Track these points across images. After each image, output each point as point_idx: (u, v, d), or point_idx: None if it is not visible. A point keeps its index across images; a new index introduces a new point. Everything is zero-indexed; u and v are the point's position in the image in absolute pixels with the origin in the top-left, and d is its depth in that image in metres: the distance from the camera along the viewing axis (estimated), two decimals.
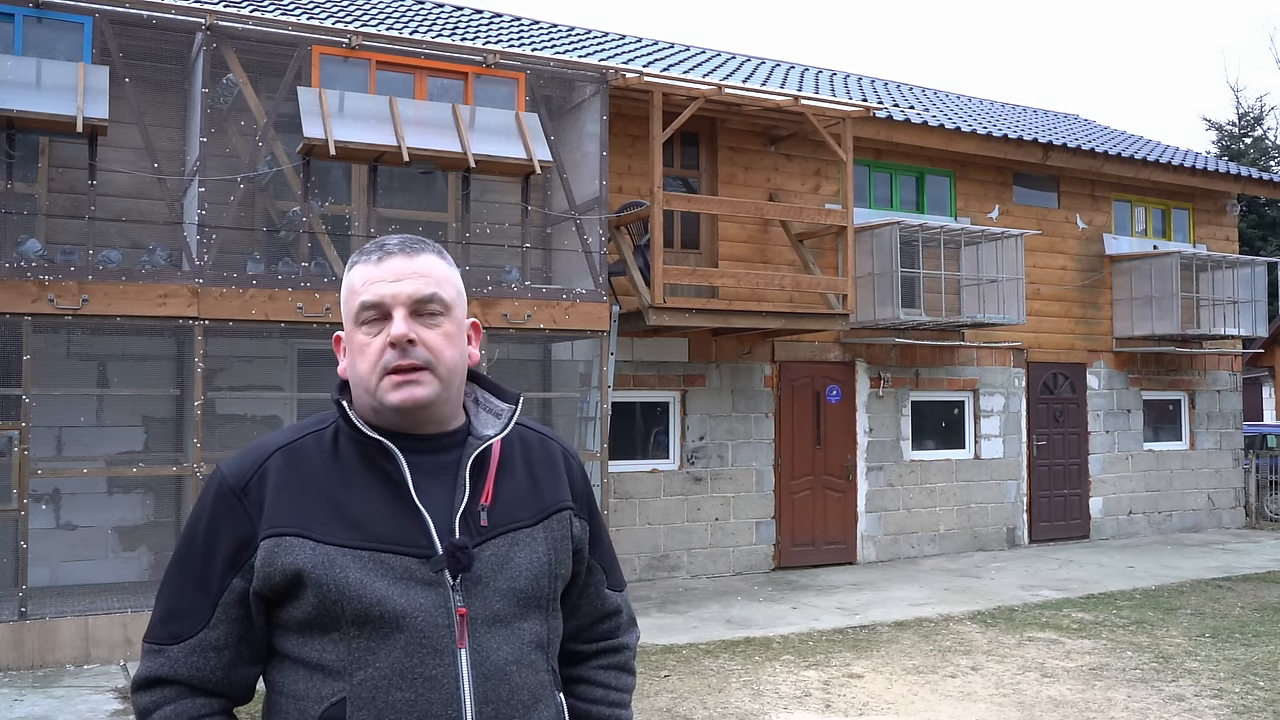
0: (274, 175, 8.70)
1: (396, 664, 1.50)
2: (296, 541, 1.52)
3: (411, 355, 1.56)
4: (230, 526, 1.55)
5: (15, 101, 7.23)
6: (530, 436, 1.74)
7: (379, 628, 1.50)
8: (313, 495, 1.55)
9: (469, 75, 8.92)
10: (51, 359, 8.36)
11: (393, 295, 1.57)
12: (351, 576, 1.50)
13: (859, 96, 13.35)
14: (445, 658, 1.51)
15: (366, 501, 1.56)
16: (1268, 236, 28.13)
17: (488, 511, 1.60)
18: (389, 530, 1.54)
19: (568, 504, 1.71)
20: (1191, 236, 15.50)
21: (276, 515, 1.54)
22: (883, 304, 11.61)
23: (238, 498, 1.56)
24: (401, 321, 1.56)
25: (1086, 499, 14.16)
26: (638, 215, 10.03)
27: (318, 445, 1.61)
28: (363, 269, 1.61)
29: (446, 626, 1.52)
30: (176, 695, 1.55)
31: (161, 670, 1.55)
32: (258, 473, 1.57)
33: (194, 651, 1.55)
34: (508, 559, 1.60)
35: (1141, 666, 7.25)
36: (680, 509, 11.20)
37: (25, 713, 6.27)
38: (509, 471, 1.66)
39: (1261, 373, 25.44)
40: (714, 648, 7.90)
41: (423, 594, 1.52)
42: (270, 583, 1.52)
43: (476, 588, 1.55)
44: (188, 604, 1.56)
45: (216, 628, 1.55)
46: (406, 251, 1.61)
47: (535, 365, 10.44)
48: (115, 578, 8.75)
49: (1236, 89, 60.45)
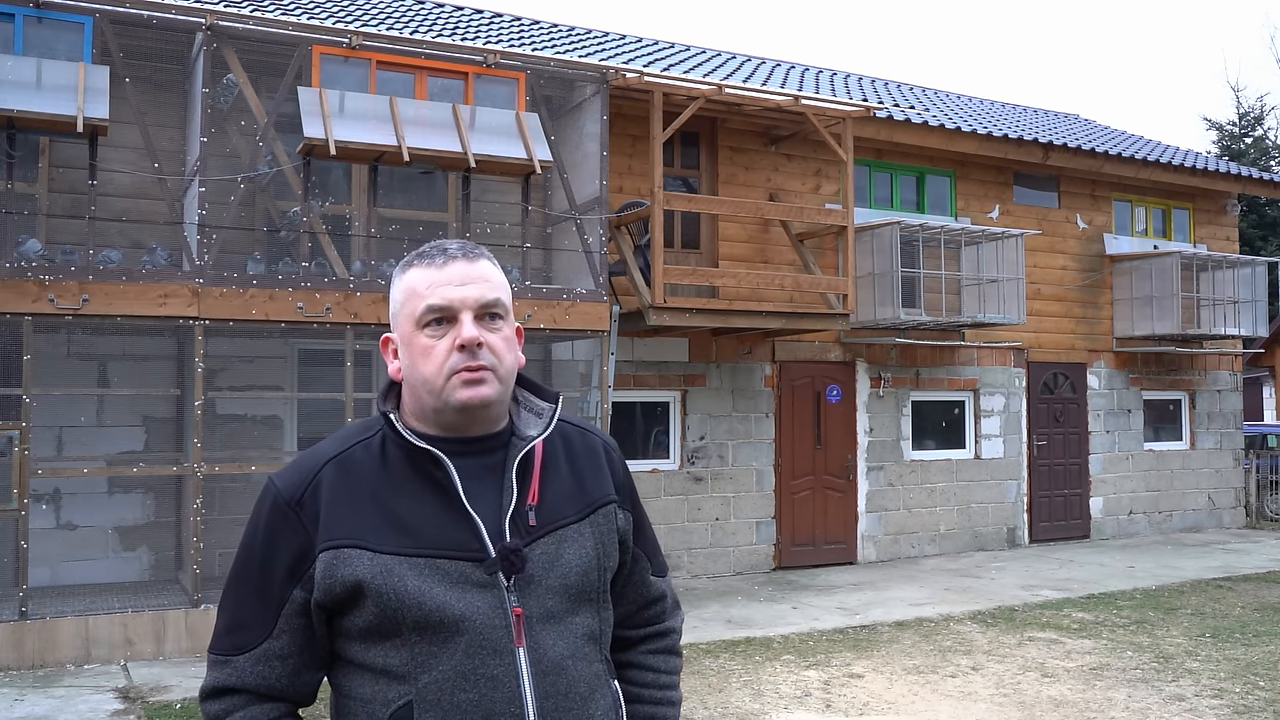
0: (274, 175, 8.70)
1: (459, 666, 1.54)
2: (354, 553, 1.55)
3: (479, 358, 1.59)
4: (287, 539, 1.59)
5: (15, 101, 7.23)
6: (571, 432, 1.77)
7: (439, 632, 1.54)
8: (366, 505, 1.58)
9: (469, 75, 8.92)
10: (52, 359, 8.36)
11: (461, 299, 1.60)
12: (410, 584, 1.53)
13: (859, 96, 13.35)
14: (505, 657, 1.55)
15: (418, 508, 1.59)
16: (1268, 236, 28.14)
17: (535, 511, 1.63)
18: (442, 536, 1.57)
19: (611, 497, 1.74)
20: (1192, 236, 15.49)
21: (332, 527, 1.57)
22: (883, 304, 11.61)
23: (293, 510, 1.59)
24: (471, 325, 1.59)
25: (1087, 499, 14.16)
26: (638, 215, 10.03)
27: (367, 454, 1.63)
28: (423, 272, 1.63)
29: (504, 627, 1.56)
30: (245, 703, 1.60)
31: (229, 680, 1.60)
32: (311, 484, 1.60)
33: (259, 661, 1.59)
34: (558, 556, 1.63)
35: (1142, 666, 7.25)
36: (680, 509, 11.21)
37: (25, 713, 6.27)
38: (553, 469, 1.69)
39: (1262, 373, 25.44)
40: (714, 647, 7.90)
41: (479, 597, 1.55)
42: (331, 594, 1.55)
43: (530, 587, 1.59)
44: (250, 616, 1.60)
45: (280, 638, 1.59)
46: (468, 256, 1.64)
47: (535, 365, 10.43)
48: (115, 578, 8.75)
49: (1236, 89, 60.54)
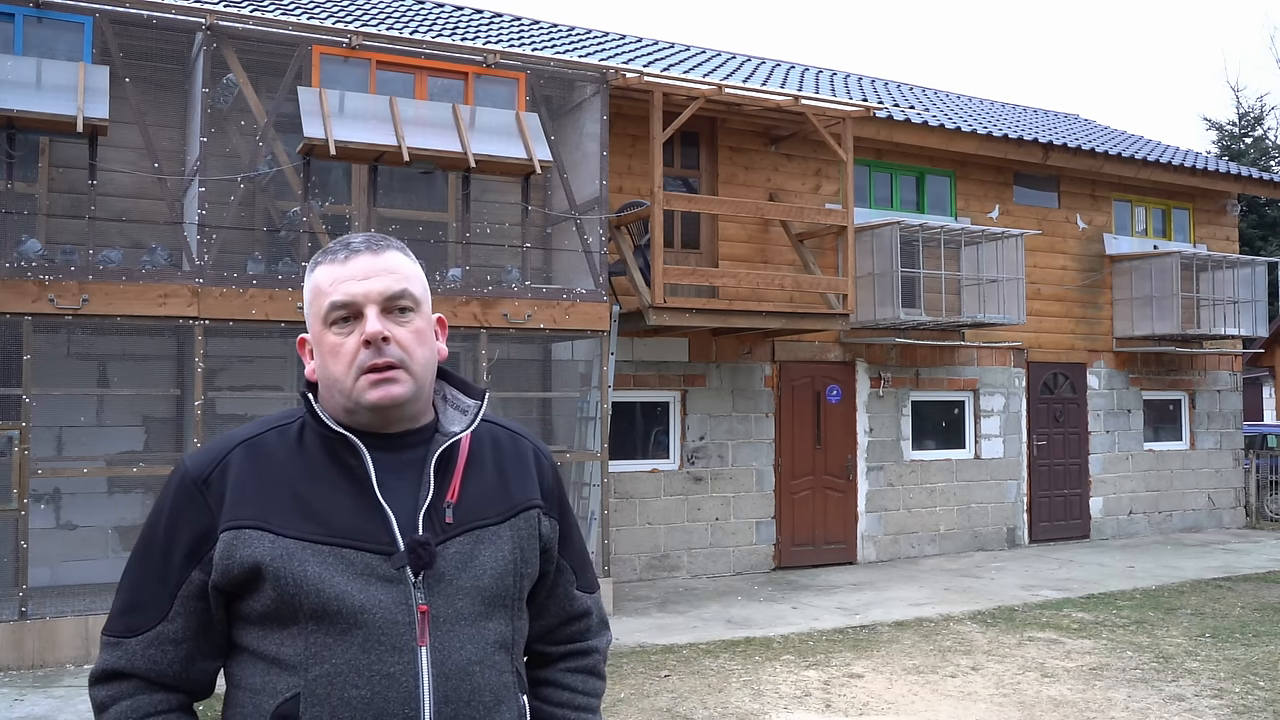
0: (274, 175, 8.70)
1: (353, 660, 1.48)
2: (256, 534, 1.50)
3: (386, 353, 1.55)
4: (191, 519, 1.54)
5: (15, 101, 7.23)
6: (501, 434, 1.72)
7: (336, 623, 1.48)
8: (275, 489, 1.54)
9: (469, 75, 8.93)
10: (52, 359, 8.36)
11: (364, 293, 1.56)
12: (310, 570, 1.48)
13: (859, 96, 13.35)
14: (404, 655, 1.49)
15: (329, 496, 1.54)
16: (1268, 236, 28.14)
17: (453, 508, 1.58)
18: (351, 526, 1.52)
19: (536, 502, 1.68)
20: (1192, 236, 15.49)
21: (237, 508, 1.52)
22: (883, 304, 11.61)
23: (199, 490, 1.55)
24: (375, 319, 1.55)
25: (1087, 499, 14.15)
26: (638, 215, 10.03)
27: (282, 439, 1.59)
28: (328, 268, 1.59)
29: (407, 624, 1.50)
30: (134, 690, 1.54)
31: (119, 664, 1.54)
32: (219, 465, 1.56)
33: (151, 645, 1.53)
34: (472, 557, 1.57)
35: (1142, 666, 7.25)
36: (680, 509, 11.21)
37: (25, 712, 6.27)
38: (477, 469, 1.64)
39: (1262, 373, 25.44)
40: (714, 647, 7.90)
41: (383, 590, 1.50)
42: (229, 575, 1.50)
43: (439, 585, 1.53)
44: (146, 597, 1.55)
45: (174, 620, 1.53)
46: (372, 249, 1.59)
47: (535, 365, 10.43)
48: (115, 577, 8.71)
49: (1236, 89, 60.54)
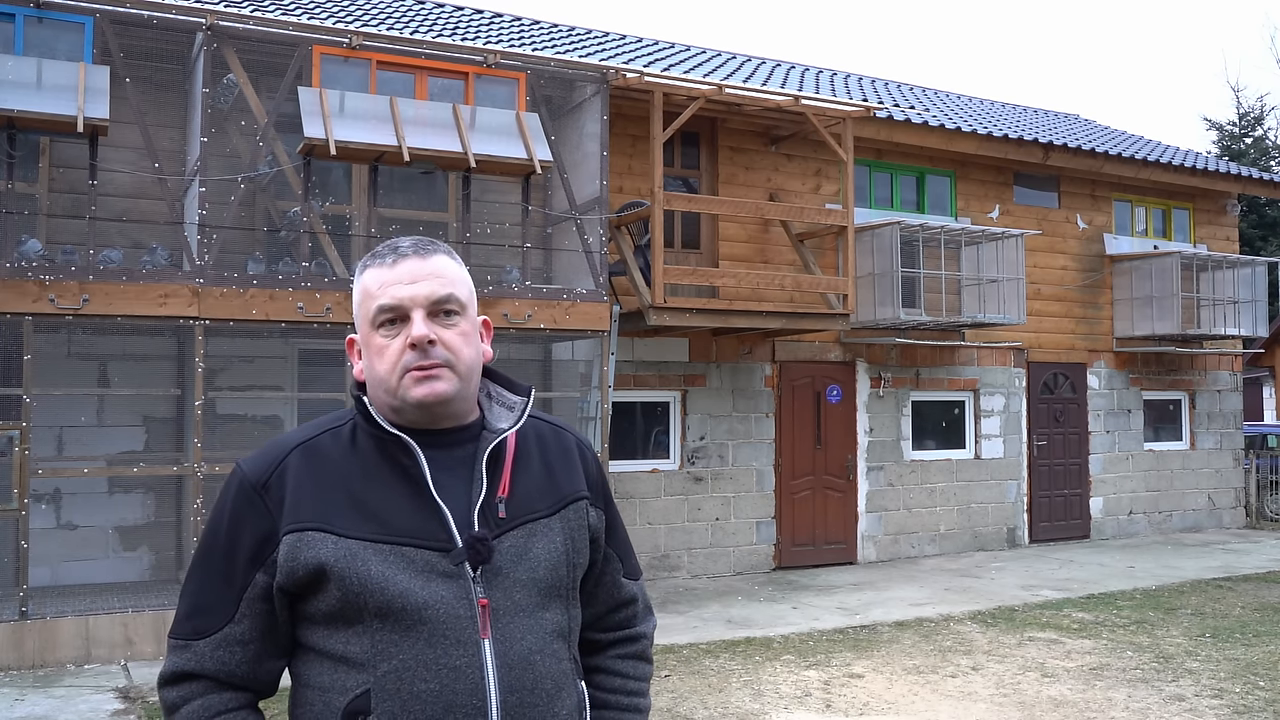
0: (274, 175, 8.70)
1: (420, 655, 1.52)
2: (319, 536, 1.54)
3: (432, 355, 1.59)
4: (252, 522, 1.58)
5: (16, 101, 7.23)
6: (545, 429, 1.77)
7: (401, 620, 1.52)
8: (333, 490, 1.58)
9: (469, 75, 8.93)
10: (52, 359, 8.36)
11: (410, 297, 1.59)
12: (374, 570, 1.52)
13: (859, 96, 13.35)
14: (469, 648, 1.54)
15: (386, 496, 1.58)
16: (1268, 236, 28.14)
17: (505, 503, 1.63)
18: (409, 524, 1.56)
19: (583, 494, 1.73)
20: (1192, 236, 15.49)
21: (297, 510, 1.56)
22: (883, 304, 11.61)
23: (258, 494, 1.59)
24: (421, 323, 1.58)
25: (1087, 499, 14.16)
26: (638, 215, 10.03)
27: (336, 441, 1.63)
28: (377, 272, 1.63)
29: (469, 618, 1.54)
30: (204, 690, 1.58)
31: (188, 665, 1.58)
32: (277, 469, 1.60)
33: (219, 646, 1.58)
34: (526, 549, 1.62)
35: (1142, 666, 7.25)
36: (681, 509, 11.21)
37: (26, 712, 6.27)
38: (525, 464, 1.69)
39: (1262, 373, 25.44)
40: (714, 647, 7.90)
41: (444, 586, 1.54)
42: (294, 577, 1.55)
43: (497, 579, 1.58)
44: (212, 600, 1.59)
45: (241, 622, 1.58)
46: (420, 253, 1.63)
47: (535, 365, 10.43)
48: (116, 577, 8.75)
49: (1237, 89, 60.57)
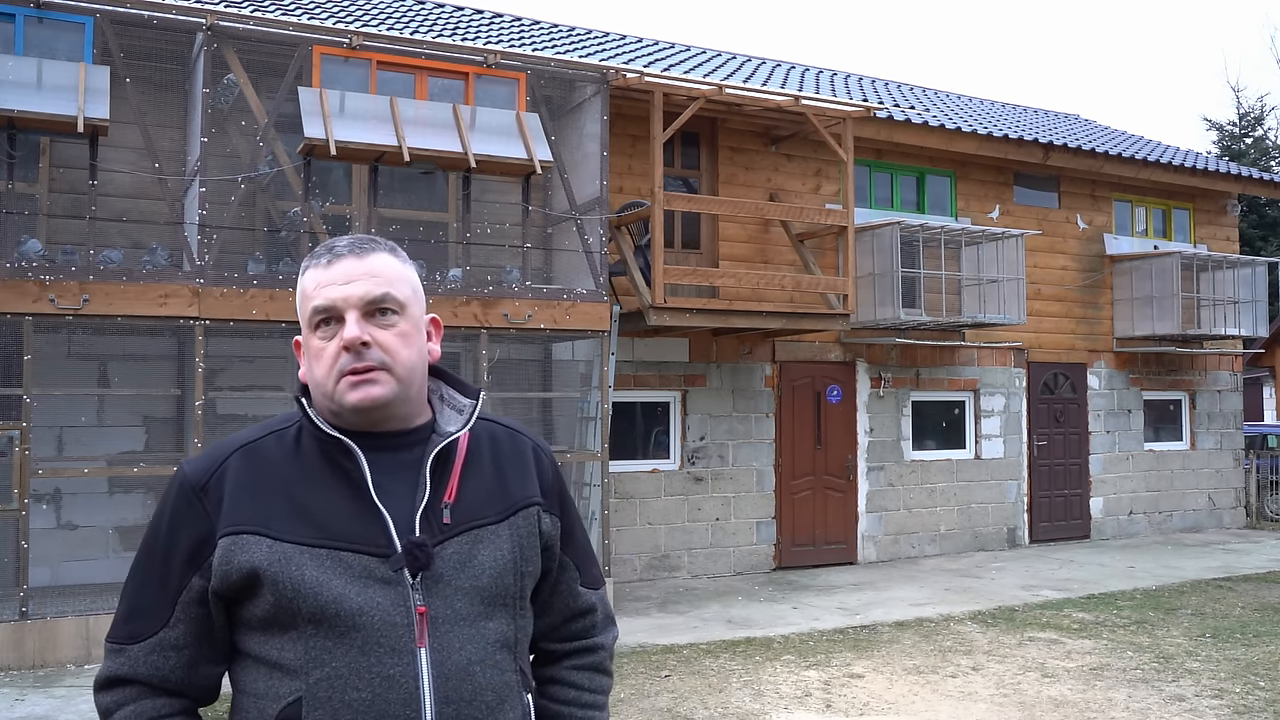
0: (275, 175, 8.70)
1: (353, 663, 1.49)
2: (254, 539, 1.51)
3: (366, 357, 1.55)
4: (190, 525, 1.55)
5: (16, 101, 7.23)
6: (499, 432, 1.72)
7: (335, 626, 1.49)
8: (272, 493, 1.54)
9: (469, 75, 8.93)
10: (52, 359, 8.36)
11: (344, 298, 1.56)
12: (308, 574, 1.49)
13: (859, 96, 13.35)
14: (404, 657, 1.50)
15: (327, 500, 1.54)
16: (1268, 236, 28.14)
17: (451, 509, 1.58)
18: (349, 529, 1.53)
19: (536, 500, 1.68)
20: (1192, 236, 15.49)
21: (235, 513, 1.53)
22: (883, 304, 11.61)
23: (197, 496, 1.55)
24: (354, 324, 1.55)
25: (1087, 499, 14.15)
26: (638, 215, 10.03)
27: (279, 444, 1.60)
28: (314, 273, 1.59)
29: (405, 625, 1.51)
30: (137, 695, 1.55)
31: (122, 670, 1.55)
32: (217, 471, 1.56)
33: (154, 651, 1.54)
34: (471, 557, 1.57)
35: (1142, 666, 7.25)
36: (681, 509, 11.21)
37: (26, 712, 6.27)
38: (475, 468, 1.64)
39: (1262, 373, 25.44)
40: (714, 647, 7.90)
41: (381, 593, 1.51)
42: (228, 581, 1.51)
43: (438, 586, 1.54)
44: (148, 603, 1.56)
45: (176, 627, 1.54)
46: (356, 252, 1.59)
47: (535, 365, 10.43)
48: (116, 578, 8.74)
49: (1237, 89, 60.54)
